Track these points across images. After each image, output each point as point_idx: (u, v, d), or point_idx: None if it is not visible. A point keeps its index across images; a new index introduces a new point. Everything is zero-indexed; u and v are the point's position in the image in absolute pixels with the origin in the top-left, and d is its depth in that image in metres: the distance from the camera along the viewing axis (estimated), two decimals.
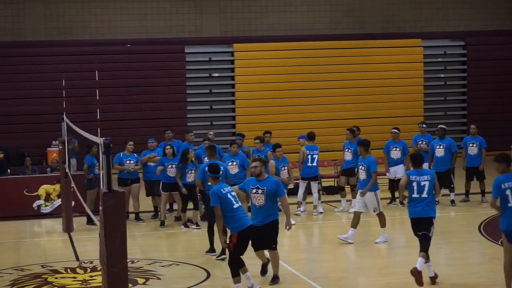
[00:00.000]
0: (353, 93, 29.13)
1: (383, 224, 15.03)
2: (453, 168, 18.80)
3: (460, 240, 14.01)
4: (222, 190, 11.26)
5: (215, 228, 12.45)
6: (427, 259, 11.73)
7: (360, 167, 15.15)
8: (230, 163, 16.59)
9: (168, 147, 17.51)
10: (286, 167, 17.15)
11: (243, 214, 11.26)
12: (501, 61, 30.21)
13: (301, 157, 18.17)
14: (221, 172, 12.08)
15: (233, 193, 11.35)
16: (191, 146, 17.96)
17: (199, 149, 17.90)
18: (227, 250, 11.79)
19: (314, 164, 18.29)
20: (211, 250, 14.15)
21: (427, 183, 11.95)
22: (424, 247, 11.73)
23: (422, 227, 11.87)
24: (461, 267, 12.98)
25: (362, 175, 15.09)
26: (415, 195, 11.95)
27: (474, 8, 30.70)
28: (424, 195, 11.94)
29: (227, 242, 11.28)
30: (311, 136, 18.55)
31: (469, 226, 16.16)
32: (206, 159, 17.59)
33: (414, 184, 11.95)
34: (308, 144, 18.39)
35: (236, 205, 11.18)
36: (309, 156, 18.20)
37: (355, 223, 14.90)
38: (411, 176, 11.99)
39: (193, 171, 16.55)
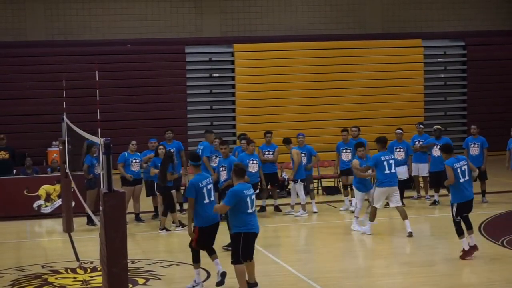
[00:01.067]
0: (353, 93, 29.14)
1: (370, 218, 15.84)
2: None
3: (460, 240, 14.00)
4: (200, 183, 11.50)
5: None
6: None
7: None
8: (251, 162, 17.26)
9: (160, 147, 17.46)
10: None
11: (210, 211, 11.40)
12: (501, 61, 30.22)
13: (296, 158, 18.12)
14: (201, 161, 12.54)
15: (209, 187, 11.51)
16: (212, 147, 17.84)
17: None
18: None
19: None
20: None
21: (466, 166, 13.22)
22: (471, 225, 13.41)
23: (469, 208, 13.40)
24: (461, 267, 12.99)
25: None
26: (461, 180, 13.14)
27: (474, 8, 30.71)
28: (466, 177, 13.22)
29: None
30: (289, 140, 18.61)
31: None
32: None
33: (458, 170, 13.08)
34: (294, 147, 18.43)
35: (206, 201, 11.40)
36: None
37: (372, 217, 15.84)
38: (454, 165, 13.03)
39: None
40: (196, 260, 11.85)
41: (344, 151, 18.87)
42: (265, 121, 27.39)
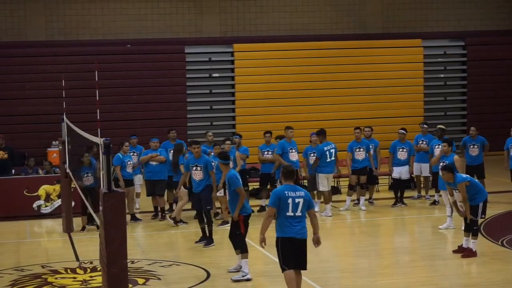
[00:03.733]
0: (353, 93, 29.13)
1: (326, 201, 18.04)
2: None
3: (460, 240, 14.01)
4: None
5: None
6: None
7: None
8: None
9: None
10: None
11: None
12: (501, 61, 30.19)
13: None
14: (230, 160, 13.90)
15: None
16: (288, 143, 18.22)
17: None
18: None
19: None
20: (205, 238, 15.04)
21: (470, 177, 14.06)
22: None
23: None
24: (461, 267, 12.99)
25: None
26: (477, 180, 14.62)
27: (474, 8, 30.70)
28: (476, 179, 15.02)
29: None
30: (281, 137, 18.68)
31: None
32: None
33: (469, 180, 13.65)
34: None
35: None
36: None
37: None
38: (466, 181, 13.48)
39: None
40: (244, 249, 12.36)
41: (357, 150, 18.81)
42: (265, 121, 27.37)
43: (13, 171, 22.15)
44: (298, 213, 10.21)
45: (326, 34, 29.55)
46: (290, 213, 10.18)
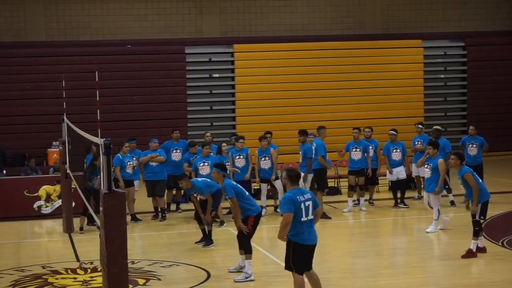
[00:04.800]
0: (353, 94, 29.14)
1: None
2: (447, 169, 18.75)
3: (460, 241, 14.03)
4: (233, 183, 12.69)
5: None
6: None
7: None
8: (237, 157, 17.85)
9: (224, 144, 17.91)
10: None
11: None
12: (501, 61, 30.22)
13: (276, 158, 18.30)
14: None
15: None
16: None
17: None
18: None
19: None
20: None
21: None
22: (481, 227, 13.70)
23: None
24: (461, 267, 12.99)
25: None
26: (480, 181, 13.71)
27: (474, 8, 30.72)
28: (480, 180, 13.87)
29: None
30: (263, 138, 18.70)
31: (469, 226, 16.14)
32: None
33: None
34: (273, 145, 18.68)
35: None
36: None
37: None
38: (474, 175, 13.44)
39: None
40: (248, 250, 12.40)
41: (354, 150, 18.79)
42: (265, 121, 27.40)
43: (4, 171, 22.15)
44: (310, 217, 10.19)
45: (326, 34, 29.57)
46: (304, 218, 10.11)
